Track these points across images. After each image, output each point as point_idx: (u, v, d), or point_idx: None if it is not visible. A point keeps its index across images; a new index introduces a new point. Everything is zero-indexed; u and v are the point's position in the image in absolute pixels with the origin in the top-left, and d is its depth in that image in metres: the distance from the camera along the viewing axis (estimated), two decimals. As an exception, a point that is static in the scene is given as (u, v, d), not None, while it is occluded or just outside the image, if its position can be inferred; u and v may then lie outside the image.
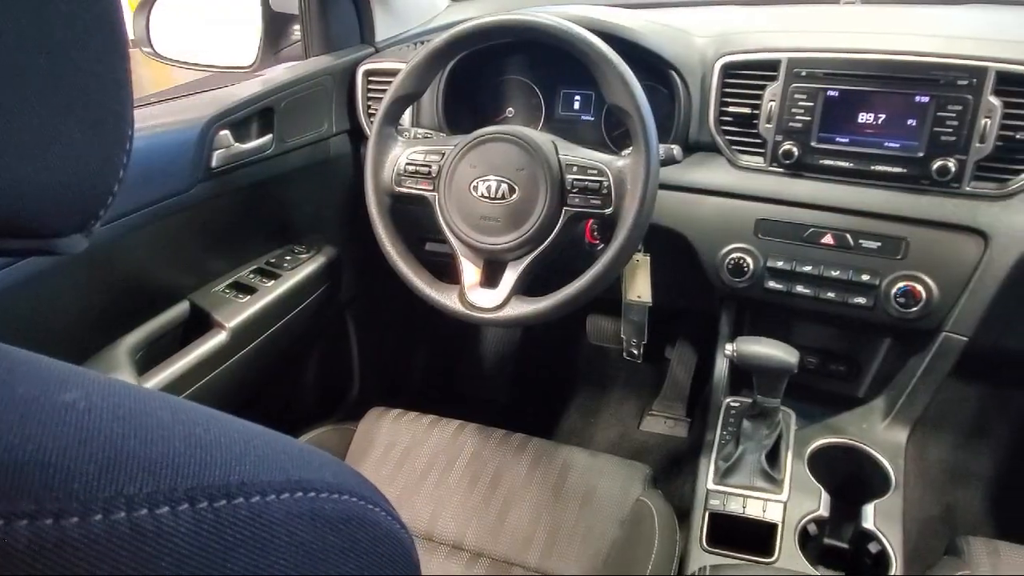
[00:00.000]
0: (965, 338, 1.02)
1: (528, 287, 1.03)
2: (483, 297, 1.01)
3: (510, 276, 1.00)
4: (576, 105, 1.28)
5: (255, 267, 1.25)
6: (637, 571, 0.89)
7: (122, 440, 0.23)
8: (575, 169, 0.96)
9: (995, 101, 0.94)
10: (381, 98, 1.05)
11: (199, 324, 1.12)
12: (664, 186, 1.12)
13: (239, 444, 0.26)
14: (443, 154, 1.02)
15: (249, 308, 1.15)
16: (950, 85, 0.95)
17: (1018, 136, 0.94)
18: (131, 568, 0.21)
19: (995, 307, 0.99)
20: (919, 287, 1.00)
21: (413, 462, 1.10)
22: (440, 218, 1.03)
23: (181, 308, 1.12)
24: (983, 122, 0.94)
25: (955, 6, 1.24)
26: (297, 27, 1.38)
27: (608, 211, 0.96)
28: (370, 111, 1.33)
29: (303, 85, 1.25)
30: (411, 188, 1.04)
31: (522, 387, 1.87)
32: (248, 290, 1.19)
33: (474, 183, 0.99)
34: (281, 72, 1.27)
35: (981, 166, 0.97)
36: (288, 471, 0.26)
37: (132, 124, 0.31)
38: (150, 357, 1.04)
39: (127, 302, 1.04)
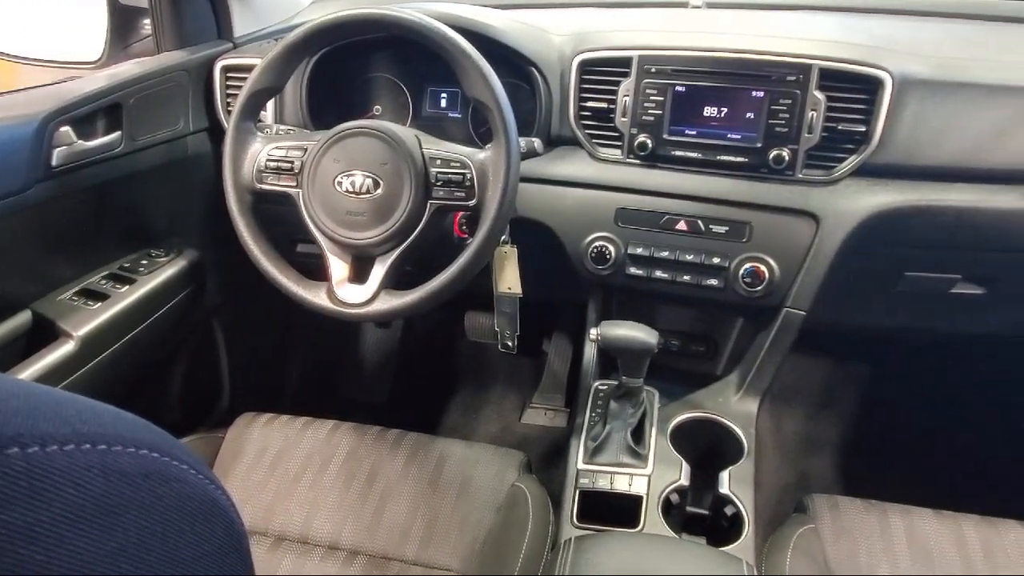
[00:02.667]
0: (803, 313, 1.11)
1: (398, 281, 1.03)
2: (352, 293, 1.00)
3: (378, 271, 1.00)
4: (443, 103, 1.29)
5: (108, 272, 1.17)
6: (512, 554, 0.91)
7: None
8: (439, 162, 0.97)
9: (819, 95, 1.03)
10: None
11: (43, 335, 1.04)
12: (528, 179, 1.16)
13: (19, 399, 0.24)
14: (305, 149, 1.00)
15: (101, 315, 1.09)
16: (780, 81, 1.04)
17: (840, 127, 1.04)
18: None
19: (828, 283, 1.09)
20: (763, 267, 1.08)
21: (286, 465, 1.07)
22: (305, 215, 1.01)
23: (21, 318, 1.04)
24: (810, 114, 1.03)
25: (787, 11, 1.35)
26: (148, 21, 1.32)
27: (472, 203, 0.97)
28: (229, 108, 1.29)
29: (155, 80, 1.19)
30: (273, 185, 1.02)
31: (403, 387, 1.86)
32: (100, 297, 1.12)
33: (338, 178, 0.98)
34: (130, 67, 1.20)
35: (811, 155, 1.06)
36: (75, 424, 0.25)
37: None
38: (-15, 371, 0.96)
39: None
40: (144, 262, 1.22)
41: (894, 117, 1.02)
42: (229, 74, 1.28)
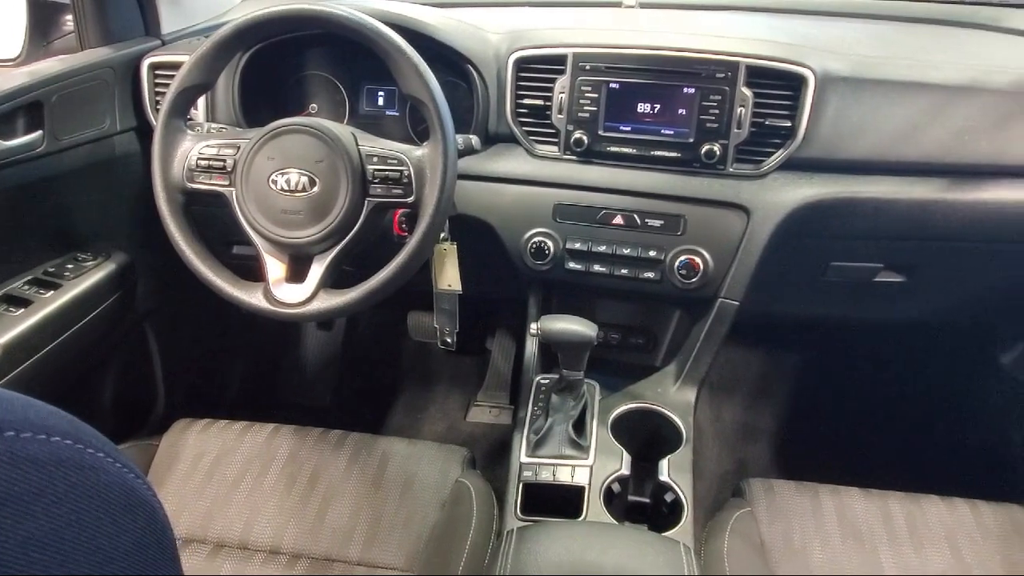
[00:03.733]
0: (736, 303, 1.14)
1: (337, 281, 1.02)
2: (290, 293, 0.99)
3: (316, 270, 0.99)
4: (380, 101, 1.29)
5: (31, 277, 1.13)
6: (457, 549, 0.91)
7: None
8: (376, 160, 0.97)
9: (747, 92, 1.06)
10: None
11: (-39, 343, 1.00)
12: (467, 176, 1.16)
13: None
14: (238, 147, 0.98)
15: (24, 322, 1.04)
16: (710, 78, 1.07)
17: (767, 122, 1.07)
18: None
19: (759, 274, 1.12)
20: (697, 259, 1.11)
21: (224, 471, 1.05)
22: (239, 214, 0.99)
23: (-63, 326, 0.99)
24: (739, 110, 1.06)
25: (717, 11, 1.39)
26: (70, 17, 1.27)
27: (411, 200, 0.97)
28: (158, 106, 1.25)
29: (79, 78, 1.15)
30: (205, 184, 0.99)
31: (347, 389, 1.84)
32: (22, 303, 1.07)
33: (272, 176, 0.96)
34: (52, 64, 1.16)
35: (741, 149, 1.09)
36: None
37: None
38: None
39: None
40: (70, 266, 1.17)
41: (817, 113, 1.06)
42: (157, 72, 1.25)
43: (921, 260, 1.20)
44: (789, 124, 1.07)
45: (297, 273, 1.00)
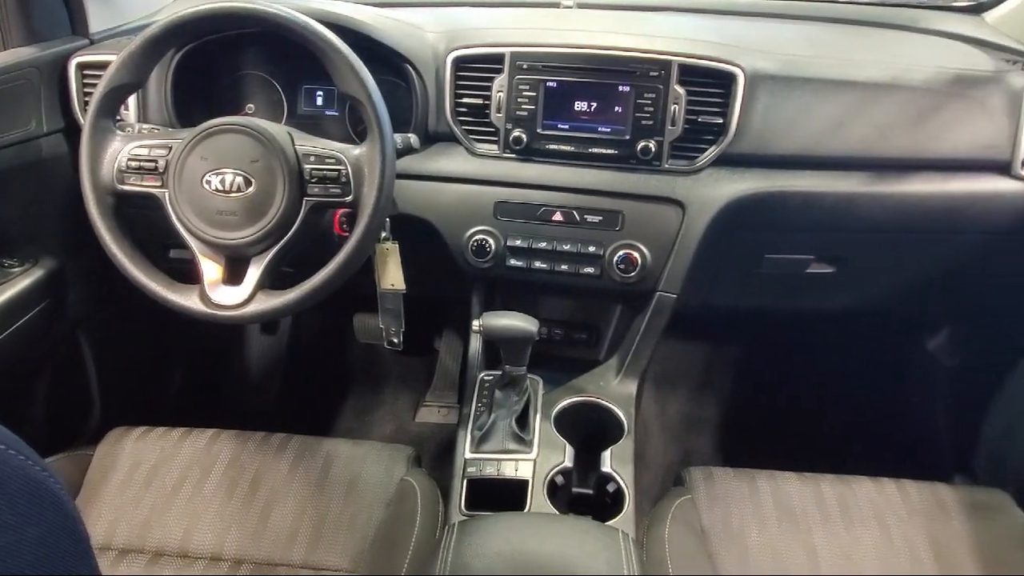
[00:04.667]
0: (674, 296, 1.17)
1: (276, 282, 1.01)
2: (227, 295, 0.97)
3: (254, 271, 0.98)
4: (319, 101, 1.27)
5: (-48, 285, 1.09)
6: (402, 547, 0.91)
7: None
8: (313, 159, 0.96)
9: (680, 90, 1.09)
10: None
11: None
12: (407, 175, 1.16)
13: None
14: (170, 148, 0.97)
15: (-55, 331, 1.00)
16: (644, 76, 1.09)
17: (700, 119, 1.10)
18: None
19: (696, 267, 1.15)
20: (635, 254, 1.13)
21: (163, 479, 1.03)
22: (173, 216, 0.97)
23: None
24: (673, 108, 1.09)
25: (652, 12, 1.42)
26: (-8, 16, 1.23)
27: (349, 199, 0.97)
28: (86, 107, 1.21)
29: (1, 79, 1.11)
30: (136, 186, 0.97)
31: (293, 393, 1.81)
32: (-57, 311, 1.03)
33: (206, 177, 0.95)
34: (-29, 64, 1.12)
35: (675, 146, 1.12)
36: None
37: None
38: None
39: None
40: (-5, 273, 1.13)
41: (747, 109, 1.09)
42: (86, 72, 1.21)
43: (850, 251, 1.24)
44: (721, 121, 1.10)
45: (234, 275, 0.98)
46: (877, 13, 1.40)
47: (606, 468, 1.07)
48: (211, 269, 0.98)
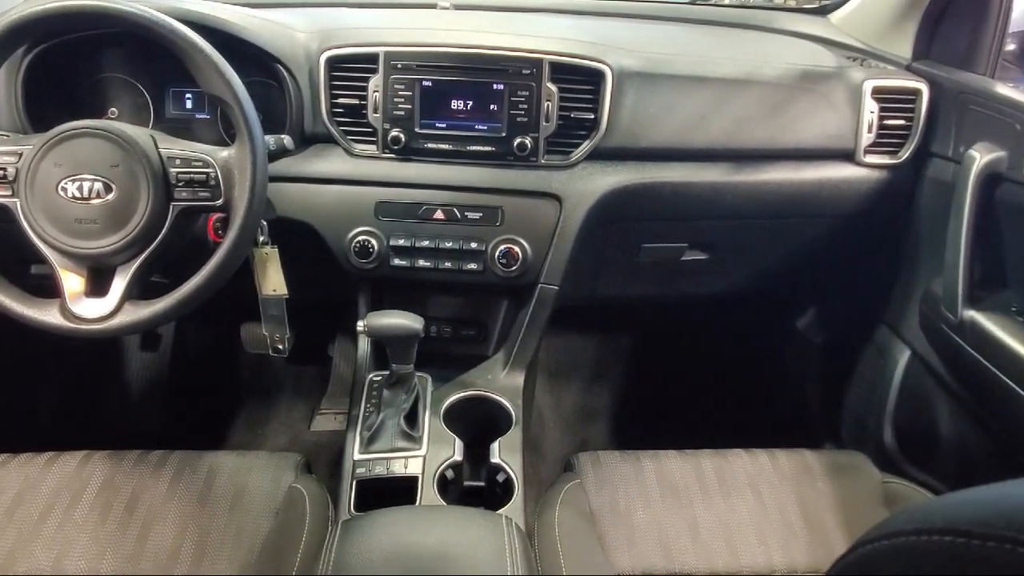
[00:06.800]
0: (556, 287, 1.20)
1: (147, 292, 0.97)
2: (90, 307, 0.93)
3: (120, 281, 0.94)
4: (188, 104, 1.23)
5: None
6: (290, 554, 0.89)
7: None
8: (178, 162, 0.93)
9: (552, 87, 1.12)
10: None
11: None
12: (284, 178, 1.14)
13: None
14: (20, 154, 0.91)
15: None
16: (517, 74, 1.12)
17: (573, 115, 1.14)
18: None
19: (576, 259, 1.19)
20: (516, 248, 1.16)
21: (27, 508, 0.96)
22: (26, 226, 0.92)
23: None
24: (546, 105, 1.12)
25: (527, 12, 1.45)
26: None
27: (219, 203, 0.94)
28: (-75, 114, 1.13)
29: None
30: None
31: (180, 410, 1.73)
32: None
33: (62, 184, 0.90)
34: None
35: (550, 142, 1.15)
36: None
37: None
38: None
39: None
40: None
41: (616, 105, 1.14)
42: (-79, 76, 1.12)
43: (720, 238, 1.32)
44: (593, 116, 1.14)
45: (98, 286, 0.94)
46: (734, 14, 1.49)
47: (495, 459, 1.09)
48: (72, 281, 0.93)
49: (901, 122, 1.22)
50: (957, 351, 1.11)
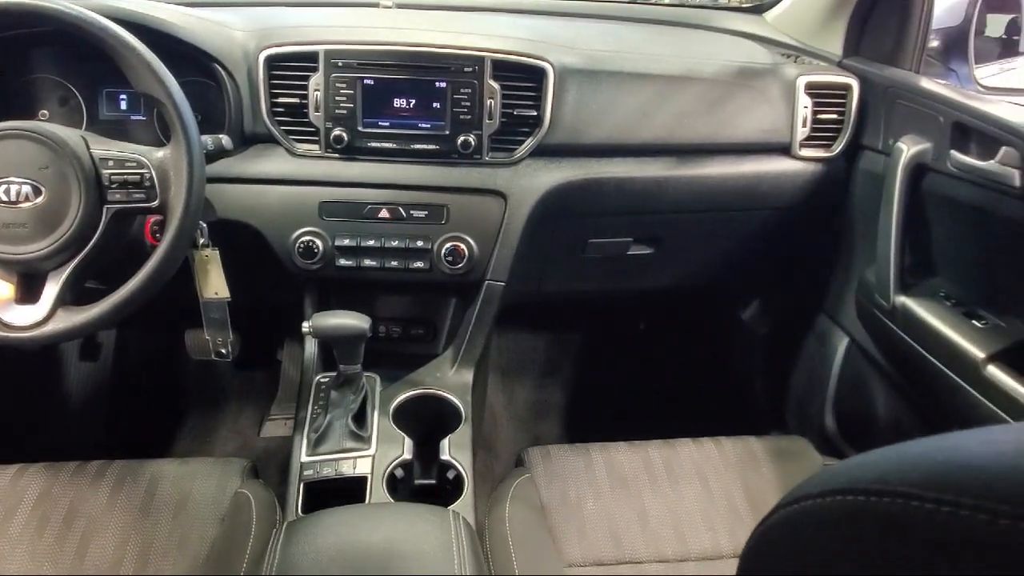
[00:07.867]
0: (502, 284, 1.21)
1: (82, 298, 0.94)
2: (21, 315, 0.90)
3: (52, 287, 0.91)
4: (123, 105, 1.20)
5: None
6: (237, 560, 0.87)
7: None
8: (111, 163, 0.91)
9: (495, 84, 1.13)
10: None
11: None
12: (225, 179, 1.12)
13: None
14: None
15: None
16: (459, 72, 1.12)
17: (516, 112, 1.15)
18: None
19: (522, 255, 1.20)
20: (462, 245, 1.16)
21: (-43, 525, 0.92)
22: None
23: None
24: (489, 102, 1.13)
25: (469, 12, 1.46)
26: None
27: (155, 204, 0.92)
28: None
29: None
30: None
31: (122, 421, 1.68)
32: None
33: None
34: None
35: (494, 139, 1.15)
36: None
37: None
38: None
39: None
40: None
41: (559, 102, 1.15)
42: None
43: (664, 232, 1.34)
44: (536, 113, 1.15)
45: (29, 292, 0.91)
46: (673, 13, 1.52)
47: (445, 456, 1.09)
48: (1, 288, 0.90)
49: (834, 116, 1.26)
50: (891, 336, 1.15)
